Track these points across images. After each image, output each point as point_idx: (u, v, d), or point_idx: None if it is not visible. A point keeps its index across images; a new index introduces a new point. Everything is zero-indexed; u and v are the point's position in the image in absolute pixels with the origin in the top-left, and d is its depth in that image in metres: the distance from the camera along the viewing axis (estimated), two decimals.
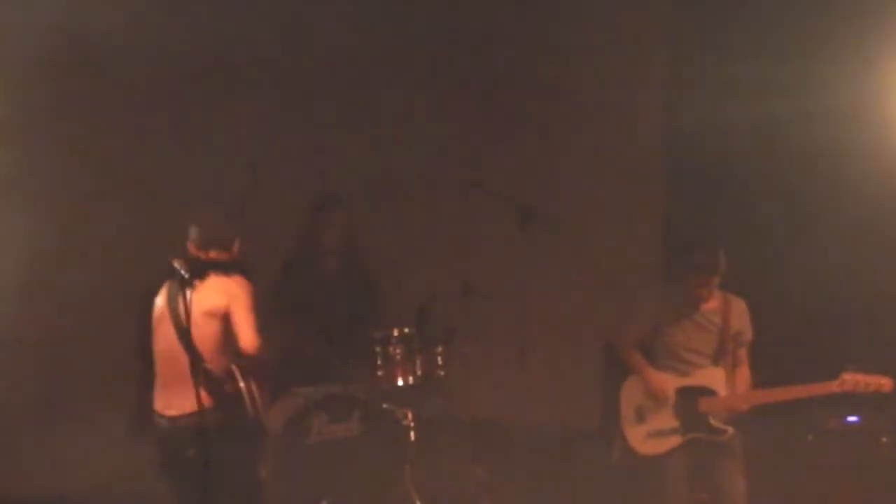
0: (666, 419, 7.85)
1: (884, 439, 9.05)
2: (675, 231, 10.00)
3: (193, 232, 7.20)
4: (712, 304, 7.94)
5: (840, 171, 9.53)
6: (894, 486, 8.85)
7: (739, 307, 7.98)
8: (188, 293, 6.71)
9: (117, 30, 9.45)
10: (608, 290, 9.94)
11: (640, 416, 7.93)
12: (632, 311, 8.20)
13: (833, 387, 7.63)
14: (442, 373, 8.99)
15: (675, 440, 7.83)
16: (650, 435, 7.87)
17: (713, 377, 7.82)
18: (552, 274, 9.58)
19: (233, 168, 9.33)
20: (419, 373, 8.92)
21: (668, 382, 7.89)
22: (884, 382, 7.59)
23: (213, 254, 7.16)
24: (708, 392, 7.82)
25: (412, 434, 8.90)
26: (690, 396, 7.83)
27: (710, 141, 9.86)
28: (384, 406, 8.90)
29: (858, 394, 7.62)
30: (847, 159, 9.50)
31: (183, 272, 6.66)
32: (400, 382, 8.90)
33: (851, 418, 9.09)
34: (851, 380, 7.58)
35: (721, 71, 9.63)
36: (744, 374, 7.95)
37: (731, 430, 7.79)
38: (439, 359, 8.98)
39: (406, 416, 8.92)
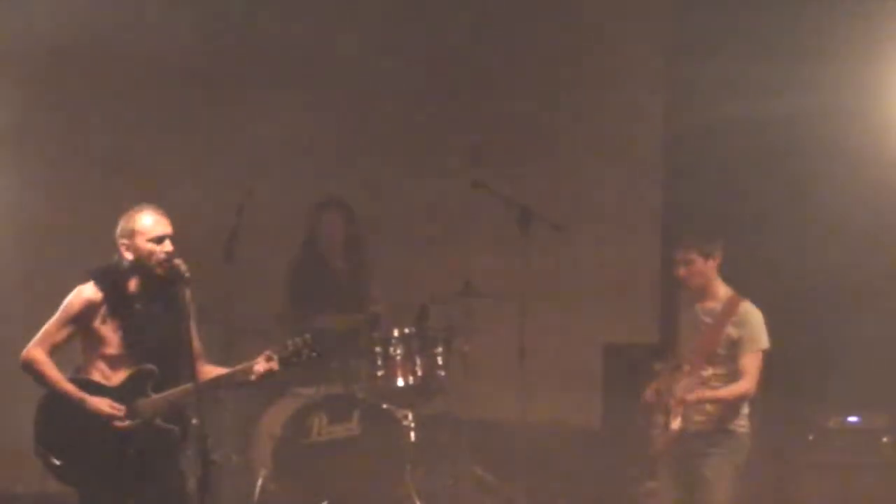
0: (663, 416, 7.80)
1: (884, 439, 9.04)
2: (675, 231, 9.98)
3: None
4: (711, 304, 7.78)
5: (840, 171, 9.52)
6: (894, 486, 8.84)
7: (745, 313, 7.68)
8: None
9: (118, 29, 9.47)
10: (608, 290, 9.94)
11: (658, 411, 7.86)
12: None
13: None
14: (442, 373, 9.00)
15: (661, 437, 7.77)
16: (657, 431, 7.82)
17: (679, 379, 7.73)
18: (552, 274, 9.58)
19: (232, 168, 9.32)
20: (419, 373, 8.93)
21: (674, 382, 7.81)
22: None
23: None
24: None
25: (412, 434, 8.90)
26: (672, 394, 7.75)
27: (709, 141, 9.86)
28: (384, 406, 8.91)
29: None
30: (847, 159, 9.49)
31: (184, 272, 6.62)
32: (400, 382, 8.92)
33: (851, 418, 9.08)
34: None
35: (721, 71, 9.62)
36: (739, 386, 7.61)
37: (675, 428, 7.63)
38: (439, 359, 8.99)
39: (406, 416, 8.93)
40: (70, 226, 9.45)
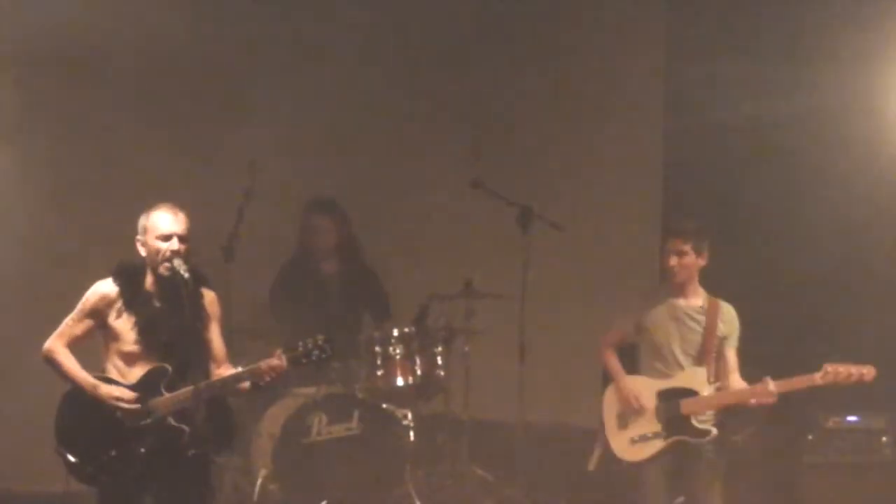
0: (648, 424, 7.71)
1: (884, 439, 9.04)
2: None
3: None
4: (696, 302, 7.78)
5: (840, 170, 9.53)
6: (894, 486, 8.84)
7: (728, 310, 7.82)
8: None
9: (117, 29, 9.47)
10: (608, 289, 9.93)
11: (623, 423, 7.81)
12: (616, 312, 8.11)
13: (816, 379, 7.53)
14: (442, 373, 9.00)
15: (658, 444, 7.68)
16: (633, 441, 7.74)
17: (695, 378, 7.71)
18: (552, 274, 9.57)
19: (232, 168, 9.31)
20: (419, 372, 8.93)
21: (643, 388, 7.75)
22: (865, 371, 7.50)
23: None
24: (690, 393, 7.69)
25: (412, 434, 8.90)
26: (672, 398, 7.71)
27: (709, 141, 9.86)
28: (384, 406, 8.91)
29: (842, 384, 7.53)
30: (847, 158, 9.50)
31: (183, 272, 6.63)
32: (400, 382, 8.92)
33: (851, 418, 9.08)
34: (833, 371, 7.48)
35: (720, 71, 9.63)
36: (737, 378, 7.76)
37: (714, 430, 7.68)
38: (439, 359, 8.99)
39: (406, 416, 8.93)
40: (69, 226, 9.45)
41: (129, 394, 6.61)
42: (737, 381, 7.73)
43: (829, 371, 7.49)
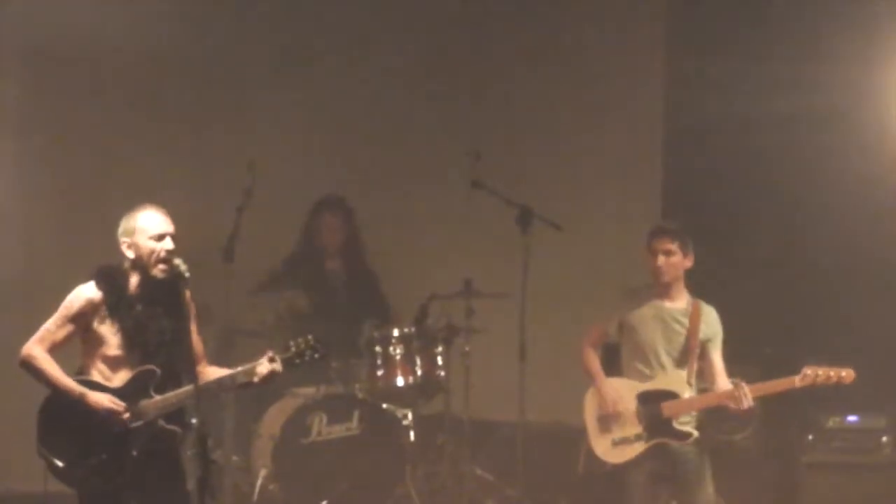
0: (630, 426, 7.70)
1: (884, 439, 9.05)
2: None
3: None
4: (681, 304, 7.78)
5: (839, 170, 9.53)
6: (894, 486, 8.85)
7: (710, 312, 7.81)
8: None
9: (116, 28, 9.47)
10: (608, 289, 9.92)
11: (605, 425, 7.80)
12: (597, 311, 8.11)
13: (795, 381, 7.54)
14: (442, 373, 9.00)
15: (639, 447, 7.67)
16: (615, 443, 7.73)
17: (675, 380, 7.70)
18: (552, 274, 9.57)
19: (232, 168, 9.32)
20: (419, 372, 8.94)
21: (623, 390, 7.75)
22: (845, 374, 7.52)
23: None
24: (671, 395, 7.67)
25: (412, 434, 8.91)
26: (653, 401, 7.71)
27: (709, 141, 9.87)
28: (384, 406, 8.91)
29: (820, 386, 7.53)
30: (847, 158, 9.50)
31: (184, 271, 6.60)
32: (400, 382, 8.92)
33: (851, 418, 9.09)
34: (812, 373, 7.50)
35: (721, 70, 9.63)
36: (724, 381, 7.73)
37: (695, 433, 7.68)
38: (439, 358, 9.00)
39: (406, 416, 8.94)
40: (69, 226, 9.45)
41: (119, 404, 6.53)
42: (724, 384, 7.69)
43: (807, 374, 7.51)
